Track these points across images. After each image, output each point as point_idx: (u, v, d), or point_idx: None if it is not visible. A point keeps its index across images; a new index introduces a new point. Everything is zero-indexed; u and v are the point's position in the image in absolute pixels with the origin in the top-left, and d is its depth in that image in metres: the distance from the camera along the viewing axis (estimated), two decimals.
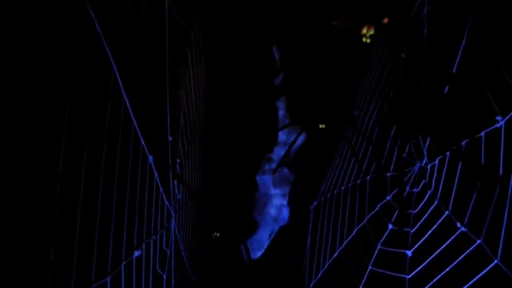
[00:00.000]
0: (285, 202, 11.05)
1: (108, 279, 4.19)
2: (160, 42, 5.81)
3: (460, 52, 5.45)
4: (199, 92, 8.21)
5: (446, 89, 5.74)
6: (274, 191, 11.15)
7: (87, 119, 3.88)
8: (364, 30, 9.66)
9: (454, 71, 5.57)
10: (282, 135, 11.37)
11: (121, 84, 4.42)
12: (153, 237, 5.63)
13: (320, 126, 10.71)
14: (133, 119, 4.80)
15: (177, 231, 6.92)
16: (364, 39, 9.64)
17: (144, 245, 5.22)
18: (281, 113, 11.41)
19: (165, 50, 5.87)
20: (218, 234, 10.29)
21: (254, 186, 11.05)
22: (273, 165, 11.18)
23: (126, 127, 4.69)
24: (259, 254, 10.68)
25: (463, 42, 5.42)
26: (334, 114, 10.33)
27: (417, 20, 6.44)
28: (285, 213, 10.98)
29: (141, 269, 5.22)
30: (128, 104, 4.63)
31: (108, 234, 4.23)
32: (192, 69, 7.43)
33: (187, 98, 7.24)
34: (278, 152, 11.31)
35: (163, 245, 6.25)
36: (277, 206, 11.08)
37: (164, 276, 6.21)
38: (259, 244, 10.77)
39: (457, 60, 5.50)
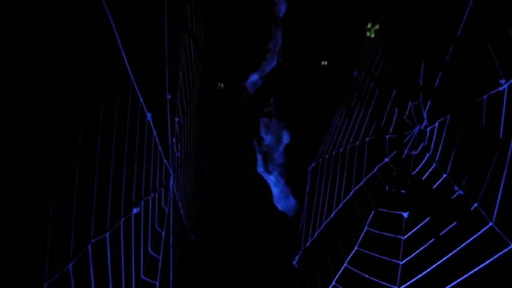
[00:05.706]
0: None
1: (107, 234, 4.24)
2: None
3: (466, 13, 5.33)
4: (198, 50, 8.08)
5: (449, 51, 5.65)
6: None
7: (86, 76, 3.83)
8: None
9: (458, 32, 5.46)
10: None
11: (119, 41, 4.33)
12: (152, 195, 5.67)
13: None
14: (132, 76, 4.73)
15: (175, 190, 6.96)
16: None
17: (142, 203, 5.26)
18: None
19: (164, 6, 5.73)
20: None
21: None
22: None
23: (124, 84, 4.63)
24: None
25: (470, 2, 5.29)
26: None
27: None
28: None
29: (140, 226, 5.29)
30: (126, 62, 4.55)
31: (107, 191, 4.25)
32: (192, 27, 7.29)
33: (186, 56, 7.13)
34: None
35: (162, 203, 6.30)
36: None
37: (163, 234, 6.29)
38: None
39: (463, 21, 5.39)
